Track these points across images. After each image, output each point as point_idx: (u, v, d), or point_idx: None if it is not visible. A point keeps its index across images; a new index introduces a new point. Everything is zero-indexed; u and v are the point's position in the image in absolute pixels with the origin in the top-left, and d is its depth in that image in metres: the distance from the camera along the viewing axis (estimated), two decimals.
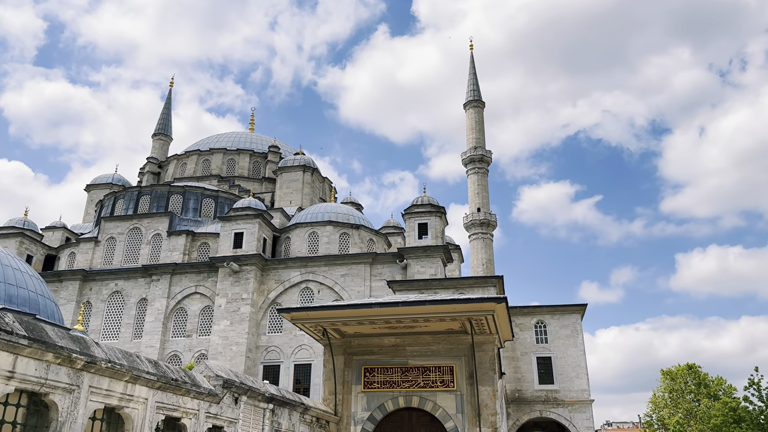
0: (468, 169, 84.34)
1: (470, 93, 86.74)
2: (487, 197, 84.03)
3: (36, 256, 47.28)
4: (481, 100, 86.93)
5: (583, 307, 35.81)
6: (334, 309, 17.07)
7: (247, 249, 43.38)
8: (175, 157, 61.37)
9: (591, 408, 34.02)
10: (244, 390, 12.22)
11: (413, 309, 16.33)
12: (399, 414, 18.46)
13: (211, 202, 50.21)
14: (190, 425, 10.42)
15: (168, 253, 46.18)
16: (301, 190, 54.27)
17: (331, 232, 45.53)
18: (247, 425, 12.71)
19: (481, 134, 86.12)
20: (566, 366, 34.65)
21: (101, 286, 45.67)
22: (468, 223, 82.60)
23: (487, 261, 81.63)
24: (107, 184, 57.55)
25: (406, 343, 18.78)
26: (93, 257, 47.31)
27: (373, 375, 18.78)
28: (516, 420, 34.15)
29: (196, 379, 10.86)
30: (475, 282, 32.93)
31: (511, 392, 34.68)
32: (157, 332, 43.19)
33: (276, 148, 60.05)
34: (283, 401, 14.30)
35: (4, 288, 24.83)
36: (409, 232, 43.46)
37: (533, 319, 36.02)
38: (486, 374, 17.97)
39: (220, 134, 64.40)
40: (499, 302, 15.82)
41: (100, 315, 44.76)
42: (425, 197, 44.79)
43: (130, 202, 49.65)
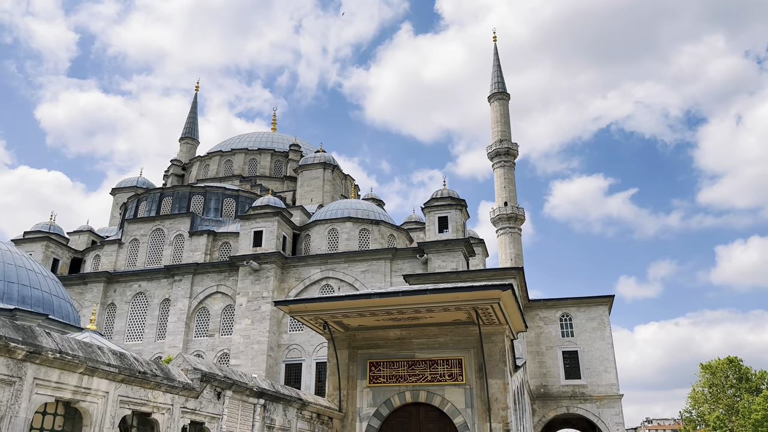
0: (494, 163, 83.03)
1: (494, 85, 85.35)
2: (514, 191, 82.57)
3: (62, 259, 47.94)
4: (506, 92, 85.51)
5: (609, 298, 34.49)
6: (332, 300, 16.45)
7: (266, 247, 43.15)
8: (198, 159, 61.69)
9: (620, 403, 32.71)
10: (227, 384, 11.67)
11: (413, 298, 15.59)
12: (406, 409, 17.71)
13: (232, 202, 50.21)
14: (163, 420, 9.91)
15: (190, 253, 46.29)
16: (321, 187, 53.88)
17: (351, 229, 44.99)
18: (234, 421, 12.17)
19: (506, 127, 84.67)
20: (593, 360, 33.41)
21: (125, 288, 46.03)
22: (495, 217, 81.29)
23: (515, 256, 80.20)
24: (132, 187, 58.15)
25: (412, 335, 18.02)
26: (117, 259, 47.74)
27: (379, 369, 18.07)
28: (542, 416, 33.07)
29: (171, 372, 10.34)
30: (494, 274, 31.95)
31: (536, 388, 33.62)
32: (180, 332, 43.29)
33: (297, 146, 59.83)
34: (276, 396, 13.73)
35: (18, 289, 24.93)
36: (429, 226, 42.63)
37: (558, 312, 34.88)
38: (496, 367, 17.10)
39: (241, 135, 64.54)
40: (504, 289, 14.95)
41: (124, 316, 45.10)
42: (445, 190, 43.89)
43: (152, 203, 49.97)
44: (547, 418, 33.08)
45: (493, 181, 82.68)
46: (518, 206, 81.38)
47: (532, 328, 34.83)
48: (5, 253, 26.13)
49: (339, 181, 57.53)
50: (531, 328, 34.90)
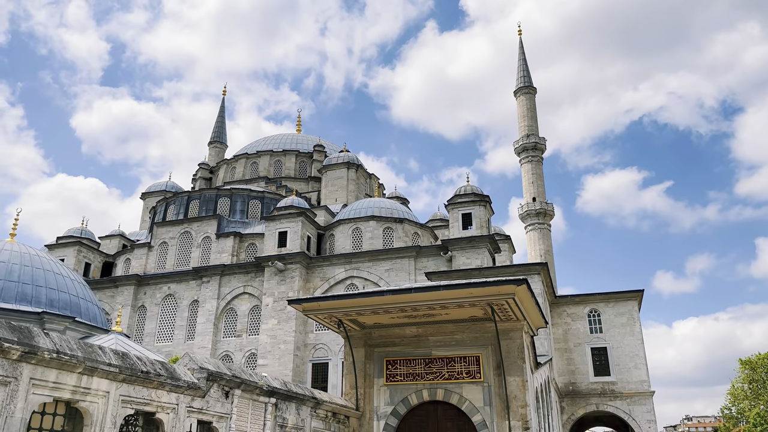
0: (521, 158, 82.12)
1: (520, 79, 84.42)
2: (542, 186, 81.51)
3: (94, 263, 48.97)
4: (532, 86, 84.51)
5: (639, 293, 33.66)
6: (345, 298, 16.35)
7: (291, 247, 43.38)
8: (225, 162, 62.41)
9: (652, 400, 31.90)
10: (236, 383, 11.67)
11: (426, 295, 15.38)
12: (424, 408, 17.52)
13: (257, 203, 50.62)
14: (168, 420, 9.93)
15: (217, 255, 46.81)
16: (345, 187, 53.97)
17: (374, 227, 44.92)
18: (244, 420, 12.16)
19: (533, 121, 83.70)
20: (623, 356, 32.66)
21: (155, 290, 46.80)
22: (523, 213, 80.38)
23: (545, 252, 79.16)
24: (161, 191, 59.11)
25: (428, 332, 17.82)
26: (147, 262, 48.58)
27: (396, 367, 17.92)
28: (571, 414, 32.47)
29: (176, 372, 10.36)
30: (518, 270, 31.48)
31: (565, 385, 33.03)
32: (208, 333, 43.82)
33: (321, 147, 60.04)
34: (288, 395, 13.69)
35: (46, 293, 25.47)
36: (452, 223, 42.28)
37: (586, 308, 34.20)
38: (514, 364, 16.78)
39: (267, 137, 65.06)
40: (519, 284, 14.63)
41: (154, 318, 45.85)
42: (468, 186, 43.47)
43: (180, 207, 50.69)
44: (576, 416, 32.45)
45: (525, 177, 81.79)
46: (547, 201, 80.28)
47: (559, 325, 34.23)
48: (34, 258, 26.76)
49: (363, 181, 57.51)
50: (558, 324, 34.31)
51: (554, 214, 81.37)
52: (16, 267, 25.58)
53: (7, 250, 26.43)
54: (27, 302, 24.64)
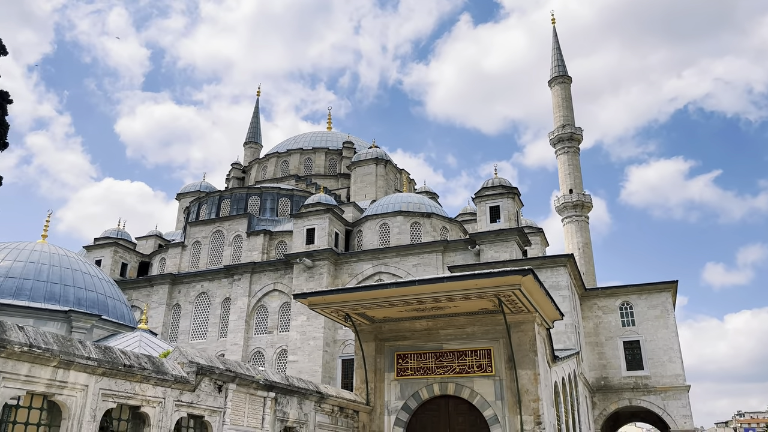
0: (557, 149, 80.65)
1: (555, 69, 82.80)
2: (579, 177, 79.86)
3: (130, 263, 50.22)
4: (567, 75, 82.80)
5: (672, 284, 32.49)
6: (349, 292, 16.20)
7: (318, 244, 43.53)
8: (257, 161, 63.15)
9: (687, 395, 30.77)
10: (229, 377, 11.64)
11: (431, 287, 15.09)
12: (435, 402, 17.25)
13: (287, 201, 51.01)
14: (155, 413, 9.95)
15: (248, 253, 47.36)
16: (374, 183, 53.89)
17: (402, 222, 44.68)
18: (240, 415, 12.13)
19: (569, 111, 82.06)
20: (657, 350, 31.59)
21: (188, 288, 47.67)
22: (560, 206, 78.88)
23: (583, 245, 77.49)
24: (195, 192, 60.17)
25: (438, 326, 17.53)
26: (181, 261, 49.52)
27: (407, 361, 17.70)
28: (603, 410, 31.60)
29: (164, 366, 10.39)
30: (543, 262, 30.77)
31: (596, 380, 32.15)
32: (240, 330, 44.38)
33: (350, 143, 60.11)
34: (289, 389, 13.62)
35: (74, 291, 26.12)
36: (480, 216, 41.67)
37: (617, 301, 33.22)
38: (526, 357, 16.34)
39: (297, 135, 65.54)
40: (524, 274, 14.20)
41: (188, 316, 46.71)
42: (496, 179, 42.77)
43: (212, 206, 51.49)
44: (608, 411, 31.55)
45: (561, 168, 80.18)
46: (584, 193, 78.63)
47: (590, 318, 33.35)
48: (63, 258, 27.52)
49: (392, 176, 57.31)
50: (589, 318, 33.43)
51: (592, 205, 79.62)
52: (45, 267, 26.36)
53: (38, 251, 27.25)
54: (55, 301, 25.35)
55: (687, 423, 29.99)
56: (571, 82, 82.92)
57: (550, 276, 29.39)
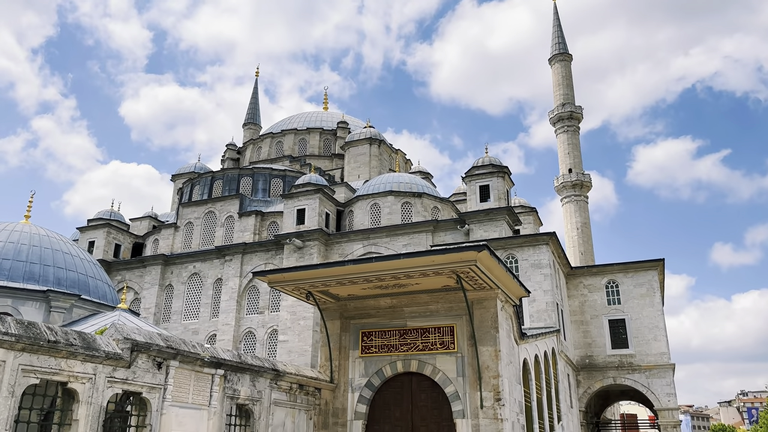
0: (557, 128, 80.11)
1: (555, 46, 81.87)
2: (579, 157, 79.36)
3: (124, 244, 50.38)
4: (567, 53, 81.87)
5: (659, 262, 32.23)
6: (307, 269, 16.09)
7: (309, 224, 43.45)
8: (251, 142, 62.96)
9: (671, 373, 30.65)
10: (170, 354, 11.59)
11: (388, 264, 14.96)
12: (399, 379, 17.23)
13: (279, 182, 50.87)
14: (84, 389, 9.91)
15: (240, 233, 47.39)
16: (368, 163, 53.61)
17: (393, 202, 44.48)
18: (185, 392, 12.10)
19: (569, 89, 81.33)
20: (642, 328, 31.44)
21: (181, 269, 47.83)
22: (559, 185, 78.52)
23: (582, 225, 77.25)
24: (189, 173, 60.07)
25: (403, 303, 17.45)
26: (174, 242, 49.64)
27: (371, 339, 17.65)
28: (587, 388, 31.56)
29: (96, 341, 10.33)
30: (525, 241, 30.53)
31: (581, 358, 32.08)
32: (232, 310, 44.56)
33: (344, 123, 59.74)
34: (240, 367, 13.58)
35: (53, 271, 26.18)
36: (470, 195, 41.41)
37: (603, 279, 33.02)
38: (488, 333, 16.24)
39: (292, 116, 65.20)
40: (480, 250, 14.04)
41: (181, 297, 46.93)
42: (486, 157, 42.40)
43: (204, 187, 51.46)
44: (592, 390, 31.51)
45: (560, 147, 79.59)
46: (584, 172, 78.15)
47: (575, 297, 33.19)
48: (43, 238, 27.57)
49: (386, 156, 56.97)
50: (574, 296, 33.27)
51: (591, 185, 79.22)
52: (25, 247, 26.41)
53: (18, 231, 27.30)
54: (34, 281, 25.43)
55: (671, 401, 29.91)
56: (572, 59, 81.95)
57: (533, 254, 29.20)
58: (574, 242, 75.63)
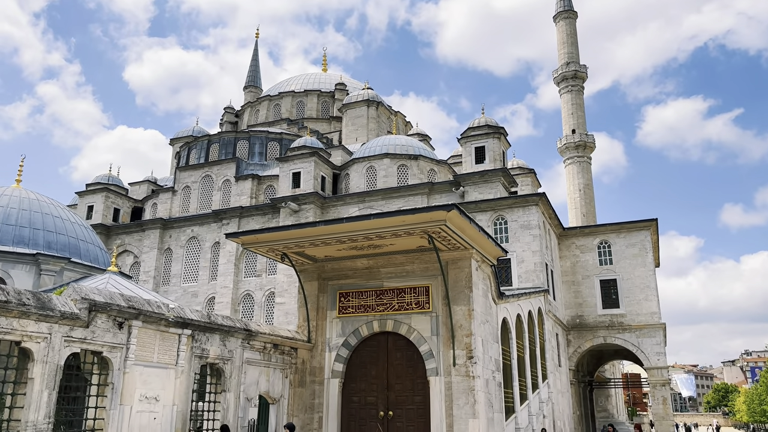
0: (561, 87, 78.97)
1: (560, 3, 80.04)
2: (583, 117, 78.41)
3: (123, 208, 50.63)
4: (573, 9, 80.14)
5: (652, 222, 32.01)
6: (279, 230, 16.05)
7: (304, 188, 43.39)
8: (249, 105, 62.50)
9: (662, 332, 30.74)
10: (131, 314, 11.67)
11: (359, 225, 14.90)
12: (375, 339, 17.38)
13: (275, 145, 50.65)
14: (39, 349, 10.02)
15: (237, 197, 47.44)
16: (366, 125, 53.18)
17: (389, 165, 44.22)
18: (149, 351, 12.23)
19: (574, 48, 79.90)
20: (633, 288, 31.43)
21: (179, 233, 48.11)
22: (562, 146, 77.83)
23: (584, 186, 76.85)
24: (187, 136, 59.85)
25: (379, 264, 17.46)
26: (172, 206, 49.81)
27: (348, 300, 17.74)
28: (578, 347, 31.78)
29: (52, 301, 10.40)
30: (514, 202, 30.35)
31: (571, 318, 32.21)
32: (230, 273, 44.94)
33: (342, 85, 59.06)
34: (209, 326, 13.69)
35: (43, 235, 26.36)
36: (465, 157, 41.03)
37: (596, 240, 32.89)
38: (461, 293, 16.25)
39: (290, 78, 64.49)
40: (448, 210, 13.94)
41: (180, 260, 47.32)
42: (483, 118, 41.85)
43: (201, 151, 51.35)
44: (583, 349, 31.73)
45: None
46: (587, 133, 77.29)
47: (567, 258, 33.13)
48: (33, 202, 27.70)
49: (385, 119, 56.42)
50: (566, 257, 33.22)
51: (595, 146, 78.48)
52: (14, 211, 26.55)
53: (8, 195, 27.42)
54: (24, 244, 25.64)
55: (660, 360, 30.09)
56: (577, 17, 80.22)
57: (522, 215, 29.07)
58: (576, 204, 75.32)
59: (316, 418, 16.95)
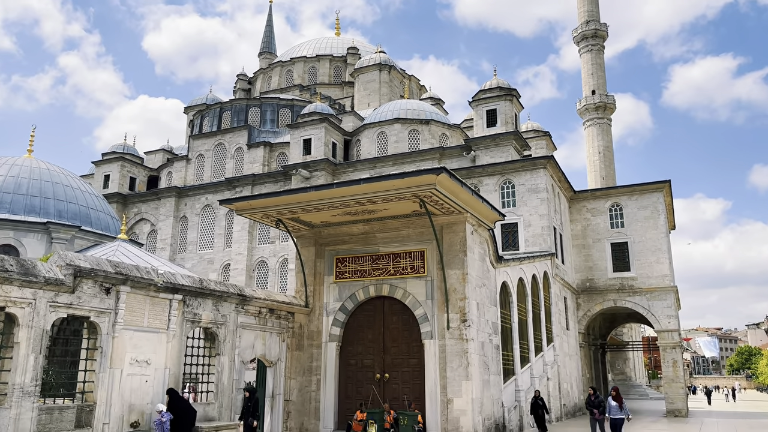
0: (581, 47, 77.21)
1: None
2: (603, 77, 76.67)
3: (139, 177, 51.21)
4: None
5: (665, 184, 31.37)
6: (272, 196, 16.08)
7: (315, 155, 43.31)
8: (261, 72, 62.17)
9: (673, 295, 30.39)
10: (119, 280, 11.85)
11: (349, 190, 14.85)
12: (372, 303, 17.48)
13: (287, 112, 50.47)
14: (24, 314, 10.24)
15: (249, 165, 47.60)
16: (378, 90, 52.59)
17: (399, 130, 43.82)
18: (139, 316, 12.44)
19: (594, 5, 77.82)
20: (645, 251, 31.01)
21: (194, 201, 48.58)
22: (581, 108, 76.47)
23: (604, 149, 75.66)
24: (201, 104, 59.90)
25: (375, 229, 17.44)
26: (186, 174, 50.21)
27: (345, 265, 17.81)
28: (587, 311, 31.63)
29: (36, 267, 10.58)
30: (522, 165, 29.93)
31: (581, 282, 32.00)
32: (244, 240, 45.40)
33: (354, 49, 58.31)
34: (201, 292, 13.85)
35: (54, 204, 26.82)
36: (476, 121, 40.42)
37: (607, 203, 32.40)
38: (456, 257, 16.19)
39: (302, 43, 63.85)
40: (438, 173, 13.78)
41: (195, 228, 47.91)
42: (495, 80, 41.03)
43: (214, 119, 51.41)
44: (592, 312, 31.58)
45: (584, 68, 76.84)
46: (607, 94, 75.69)
47: (578, 221, 32.74)
48: (44, 172, 28.12)
49: (398, 83, 55.69)
50: (577, 221, 32.82)
51: (615, 107, 76.93)
52: (25, 181, 27.02)
53: (19, 165, 27.86)
54: (35, 213, 26.15)
55: (671, 323, 29.82)
56: None
57: (530, 179, 28.67)
58: (595, 167, 74.26)
59: (314, 381, 17.22)
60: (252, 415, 11.64)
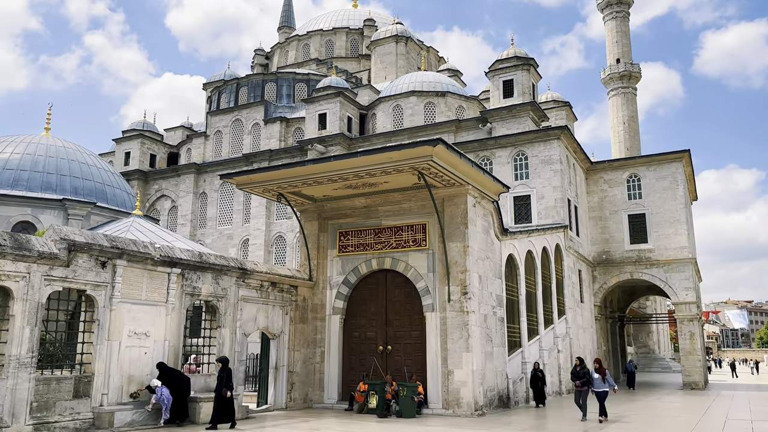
0: (605, 14, 75.41)
1: None
2: (628, 45, 74.76)
3: (159, 154, 51.77)
4: None
5: (684, 153, 30.55)
6: (271, 170, 16.07)
7: (330, 129, 43.17)
8: (279, 46, 61.91)
9: (691, 267, 29.78)
10: (114, 254, 12.02)
11: (347, 162, 14.78)
12: (375, 276, 17.50)
13: (303, 86, 50.27)
14: (18, 287, 10.47)
15: (266, 140, 47.69)
16: (395, 62, 52.00)
17: (415, 103, 43.35)
18: (137, 289, 12.64)
19: None
20: (663, 222, 30.37)
21: (213, 177, 48.97)
22: (606, 77, 74.95)
23: (628, 119, 74.19)
24: (219, 80, 60.01)
25: (377, 203, 17.37)
26: (205, 151, 50.58)
27: (348, 238, 17.82)
28: (603, 283, 31.25)
29: (30, 242, 10.78)
30: (536, 136, 29.40)
31: (597, 254, 31.57)
32: (262, 216, 45.74)
33: (371, 21, 57.60)
34: (200, 265, 14.00)
35: (70, 181, 27.27)
36: (493, 92, 39.76)
37: (625, 173, 31.74)
38: (457, 230, 16.05)
39: (318, 15, 63.33)
40: (434, 145, 13.60)
41: (214, 204, 48.39)
42: (512, 50, 40.21)
43: (231, 95, 51.49)
44: (608, 285, 31.16)
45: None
46: (632, 62, 73.83)
47: (594, 193, 32.18)
48: (60, 150, 28.57)
49: (415, 55, 54.96)
50: (594, 192, 32.26)
51: (641, 76, 75.07)
52: (41, 158, 27.49)
53: (35, 143, 28.33)
54: (51, 190, 26.64)
55: (688, 295, 29.28)
56: None
57: (543, 150, 28.16)
58: (620, 137, 72.85)
59: (318, 353, 17.39)
60: (226, 386, 11.92)
